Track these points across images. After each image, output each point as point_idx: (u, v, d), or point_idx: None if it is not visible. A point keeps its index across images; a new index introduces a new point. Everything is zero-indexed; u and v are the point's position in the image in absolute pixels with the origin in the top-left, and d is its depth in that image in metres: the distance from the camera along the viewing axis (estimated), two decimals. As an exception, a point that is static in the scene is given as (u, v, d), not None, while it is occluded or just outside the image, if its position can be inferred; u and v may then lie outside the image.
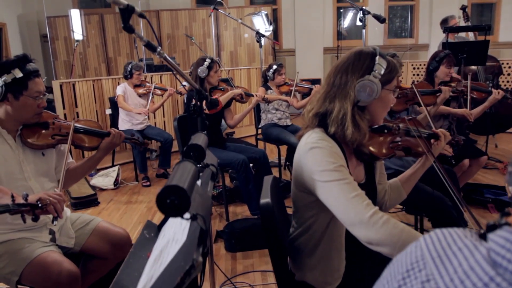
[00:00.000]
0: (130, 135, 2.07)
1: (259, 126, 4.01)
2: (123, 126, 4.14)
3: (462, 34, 5.01)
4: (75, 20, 6.05)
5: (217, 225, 3.08)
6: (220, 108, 1.92)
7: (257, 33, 4.31)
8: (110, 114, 4.38)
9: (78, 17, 6.03)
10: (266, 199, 1.28)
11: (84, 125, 1.91)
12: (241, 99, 3.23)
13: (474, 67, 4.82)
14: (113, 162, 4.51)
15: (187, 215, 0.76)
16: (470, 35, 4.86)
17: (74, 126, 1.84)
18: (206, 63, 3.08)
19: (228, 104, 3.30)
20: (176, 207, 0.72)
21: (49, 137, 1.77)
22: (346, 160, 1.29)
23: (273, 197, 1.35)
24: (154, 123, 5.07)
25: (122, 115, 4.15)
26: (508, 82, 5.58)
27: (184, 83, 4.59)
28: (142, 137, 4.04)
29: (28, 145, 1.71)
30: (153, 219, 3.24)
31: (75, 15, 6.00)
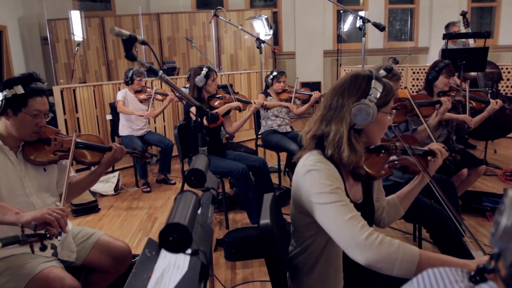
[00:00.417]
0: (131, 149, 2.08)
1: (259, 133, 4.03)
2: (124, 131, 4.16)
3: (463, 39, 5.02)
4: (75, 21, 6.06)
5: (217, 233, 3.10)
6: (220, 122, 1.94)
7: (257, 39, 4.33)
8: (110, 119, 4.40)
9: (78, 18, 6.04)
10: (265, 220, 1.30)
11: (85, 140, 1.93)
12: (239, 111, 3.25)
13: (473, 73, 4.84)
14: (113, 168, 4.52)
15: (189, 251, 0.77)
16: (470, 41, 4.87)
17: (76, 141, 1.86)
18: (203, 72, 3.09)
19: (226, 112, 3.31)
20: (178, 244, 0.74)
21: (51, 153, 1.78)
22: (343, 181, 1.31)
23: (272, 216, 1.37)
24: (154, 128, 5.09)
25: (122, 121, 4.16)
26: (507, 87, 5.59)
27: (182, 89, 4.62)
28: (142, 143, 4.09)
29: (30, 161, 1.72)
30: (153, 227, 3.27)
31: (75, 17, 6.01)
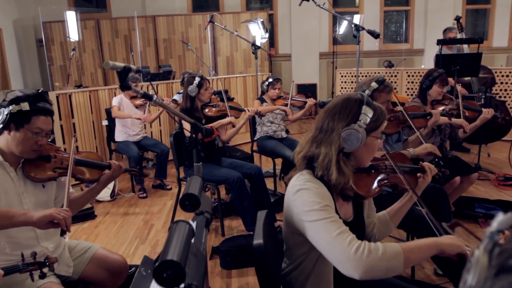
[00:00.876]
0: (129, 167, 2.11)
1: (255, 139, 4.06)
2: (120, 137, 4.18)
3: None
4: (71, 22, 6.06)
5: (212, 240, 3.13)
6: (215, 136, 1.96)
7: (252, 44, 4.36)
8: (106, 125, 4.41)
9: (74, 19, 6.04)
10: (258, 240, 1.32)
11: (85, 157, 1.94)
12: (232, 126, 3.27)
13: (467, 78, 4.88)
14: (109, 172, 4.54)
15: (182, 285, 0.80)
16: (465, 46, 4.92)
17: (75, 158, 1.88)
18: (195, 82, 3.10)
19: (221, 119, 3.33)
20: (172, 280, 0.76)
21: (50, 170, 1.80)
22: (333, 199, 1.34)
23: (266, 235, 1.39)
24: (150, 133, 5.10)
25: (118, 127, 4.18)
26: (501, 90, 5.64)
27: (175, 97, 4.65)
28: (138, 148, 4.10)
29: (30, 178, 1.74)
30: (149, 234, 3.29)
31: (71, 17, 6.00)
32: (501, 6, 8.10)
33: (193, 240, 1.01)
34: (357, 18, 7.44)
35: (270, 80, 3.92)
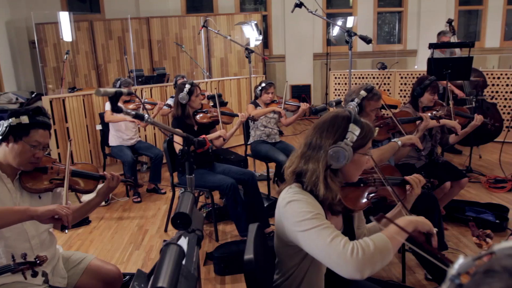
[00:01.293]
0: (125, 177, 2.12)
1: (248, 143, 4.08)
2: (114, 142, 4.18)
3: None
4: (64, 23, 6.03)
5: (206, 245, 3.15)
6: (207, 147, 1.98)
7: (246, 49, 4.39)
8: (100, 130, 4.41)
9: (67, 20, 6.01)
10: (249, 255, 1.35)
11: (81, 168, 1.97)
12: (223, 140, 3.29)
13: (459, 81, 4.93)
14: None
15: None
16: (457, 49, 4.97)
17: (72, 170, 1.90)
18: (186, 89, 3.11)
19: (212, 125, 3.35)
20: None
21: (47, 181, 1.82)
22: (324, 211, 1.38)
23: (257, 249, 1.42)
24: (144, 136, 5.11)
25: (112, 131, 4.18)
26: (492, 92, 5.70)
27: (168, 102, 4.67)
28: (132, 152, 4.12)
29: (26, 189, 1.76)
30: (143, 239, 3.31)
31: (64, 19, 5.97)
32: (493, 7, 8.17)
33: (184, 261, 1.03)
34: (350, 20, 7.46)
35: (263, 84, 3.94)
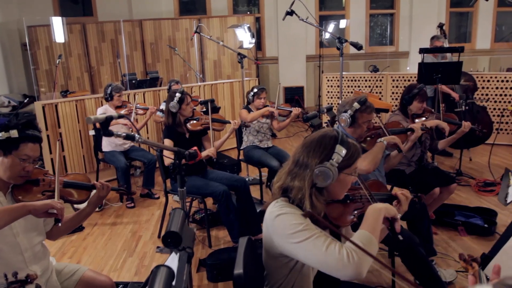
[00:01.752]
0: (118, 183, 2.14)
1: (241, 148, 4.11)
2: (107, 147, 4.19)
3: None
4: (57, 27, 6.01)
5: (199, 252, 3.18)
6: (199, 158, 2.00)
7: (238, 54, 4.41)
8: (93, 135, 4.42)
9: (59, 24, 6.00)
10: (239, 270, 1.38)
11: (73, 179, 1.98)
12: (211, 160, 3.30)
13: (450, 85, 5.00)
14: (97, 179, 4.54)
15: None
16: (448, 54, 5.03)
17: (63, 181, 1.91)
18: (176, 98, 3.13)
19: (204, 132, 3.37)
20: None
21: (39, 193, 1.83)
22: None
23: (246, 263, 1.45)
24: (137, 140, 5.11)
25: (105, 137, 4.19)
26: (482, 95, 5.78)
27: (162, 107, 4.68)
28: (125, 158, 4.12)
29: (19, 202, 1.77)
30: (137, 246, 3.33)
31: (57, 23, 5.96)
32: (483, 9, 8.26)
33: (174, 282, 1.06)
34: (343, 22, 7.51)
35: (255, 90, 3.97)
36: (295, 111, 3.95)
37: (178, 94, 3.13)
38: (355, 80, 6.57)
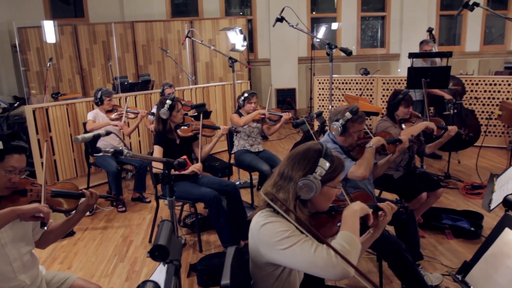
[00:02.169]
0: (106, 193, 2.15)
1: (232, 152, 4.14)
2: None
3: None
4: (48, 31, 5.98)
5: (190, 256, 3.20)
6: (188, 167, 2.02)
7: (229, 58, 4.44)
8: (84, 139, 4.41)
9: (51, 28, 5.98)
10: (225, 281, 1.41)
11: (60, 188, 1.98)
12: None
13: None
14: (88, 184, 4.55)
15: None
16: (437, 58, 5.10)
17: (51, 190, 1.92)
18: (166, 105, 3.14)
19: (195, 138, 3.39)
20: None
21: (27, 203, 1.83)
22: None
23: (233, 273, 1.48)
24: (129, 143, 5.12)
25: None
26: (471, 98, 5.86)
27: (154, 110, 4.69)
28: (117, 162, 4.13)
29: None
30: (128, 251, 3.34)
31: (48, 27, 5.93)
32: (473, 12, 8.33)
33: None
34: (335, 25, 7.56)
35: (246, 95, 3.99)
36: (285, 116, 3.97)
37: (168, 101, 3.14)
38: (346, 82, 6.63)
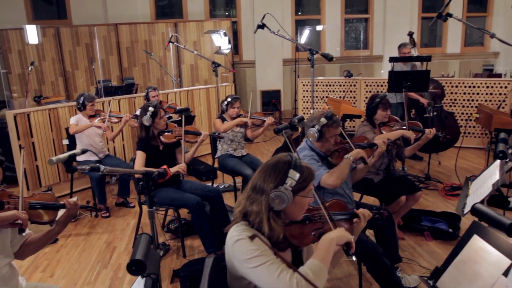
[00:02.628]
0: (86, 203, 2.15)
1: (216, 156, 4.17)
2: (81, 157, 4.15)
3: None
4: (31, 35, 5.92)
5: (174, 262, 3.22)
6: (169, 177, 2.05)
7: (213, 63, 4.46)
8: (67, 144, 4.39)
9: (34, 33, 5.92)
10: (203, 292, 1.44)
11: (39, 199, 1.98)
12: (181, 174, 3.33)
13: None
14: (71, 190, 4.53)
15: None
16: (418, 62, 5.20)
17: (29, 202, 1.92)
18: (149, 112, 3.15)
19: (178, 144, 3.41)
20: None
21: None
22: (271, 247, 1.48)
23: (212, 284, 1.51)
24: (113, 148, 5.10)
25: (79, 146, 4.16)
26: (451, 100, 5.99)
27: (137, 113, 4.68)
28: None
29: None
30: (111, 257, 3.34)
31: (31, 32, 5.87)
32: (454, 14, 8.50)
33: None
34: (319, 27, 7.64)
35: (229, 99, 4.02)
36: (268, 121, 4.02)
37: (151, 108, 3.15)
38: (330, 85, 6.70)
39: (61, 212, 2.00)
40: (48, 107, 4.54)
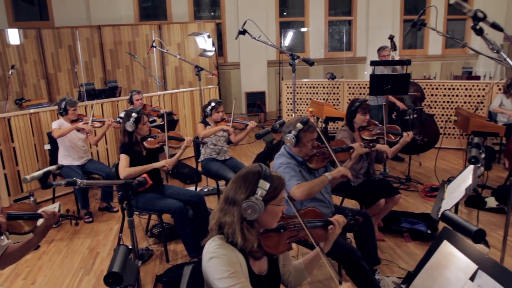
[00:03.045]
0: (65, 212, 2.16)
1: (199, 160, 4.19)
2: (63, 161, 4.14)
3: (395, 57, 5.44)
4: (13, 38, 5.86)
5: (157, 267, 3.23)
6: (148, 185, 2.07)
7: (196, 66, 4.48)
8: (49, 149, 4.35)
9: (17, 37, 5.86)
10: (181, 302, 1.47)
11: (17, 209, 1.98)
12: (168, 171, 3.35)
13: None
14: (54, 195, 4.50)
15: None
16: (398, 66, 5.29)
17: (8, 213, 1.92)
18: (132, 119, 3.15)
19: (161, 149, 3.42)
20: None
21: None
22: (247, 259, 1.51)
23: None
24: (97, 152, 5.08)
25: (61, 151, 4.14)
26: (432, 101, 6.11)
27: (121, 115, 4.67)
28: (82, 173, 4.10)
29: None
30: (94, 263, 3.33)
31: (13, 36, 5.81)
32: (434, 17, 8.66)
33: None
34: (303, 29, 7.70)
35: (213, 104, 4.05)
36: (251, 125, 4.06)
37: (134, 114, 3.15)
38: (313, 87, 6.77)
39: (41, 220, 2.01)
40: (29, 112, 4.50)
